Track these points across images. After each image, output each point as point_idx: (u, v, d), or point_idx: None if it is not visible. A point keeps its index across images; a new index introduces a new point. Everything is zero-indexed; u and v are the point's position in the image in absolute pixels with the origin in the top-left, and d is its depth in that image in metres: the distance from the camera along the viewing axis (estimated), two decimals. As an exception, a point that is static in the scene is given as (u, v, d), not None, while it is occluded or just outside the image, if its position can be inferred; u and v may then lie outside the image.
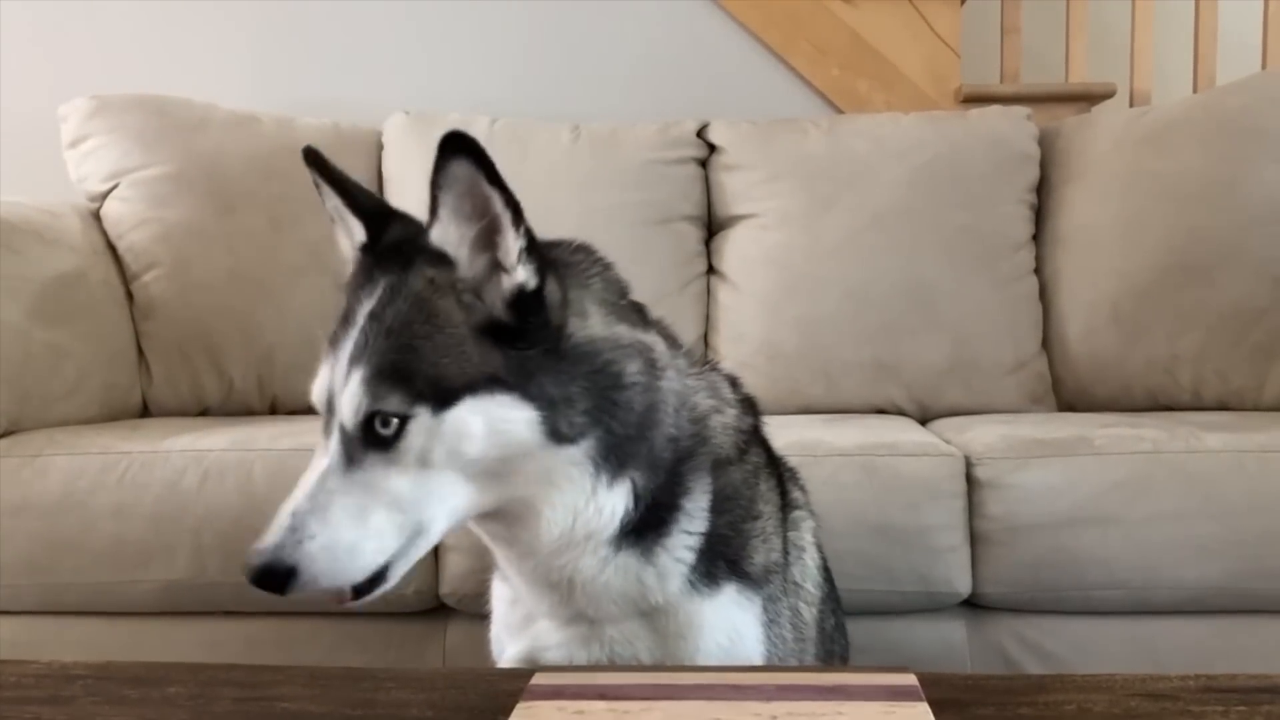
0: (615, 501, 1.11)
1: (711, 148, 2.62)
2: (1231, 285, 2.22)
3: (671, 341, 1.23)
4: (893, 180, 2.47)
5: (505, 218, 1.04)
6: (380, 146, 2.66)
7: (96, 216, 2.45)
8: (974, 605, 1.85)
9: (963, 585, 1.80)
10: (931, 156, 2.49)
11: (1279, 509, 1.75)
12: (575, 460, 1.08)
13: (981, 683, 0.95)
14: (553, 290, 1.08)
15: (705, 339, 2.52)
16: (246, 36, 3.06)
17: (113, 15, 3.03)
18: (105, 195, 2.46)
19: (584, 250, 1.19)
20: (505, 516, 1.10)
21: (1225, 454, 1.79)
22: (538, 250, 1.06)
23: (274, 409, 2.43)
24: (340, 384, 1.04)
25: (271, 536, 1.00)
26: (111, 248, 2.41)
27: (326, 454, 1.04)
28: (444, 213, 1.05)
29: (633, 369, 1.12)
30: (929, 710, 0.83)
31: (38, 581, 1.86)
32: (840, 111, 3.00)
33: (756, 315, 2.45)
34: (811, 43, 3.02)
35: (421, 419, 1.01)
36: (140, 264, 2.40)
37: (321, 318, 2.46)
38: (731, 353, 2.43)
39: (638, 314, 1.20)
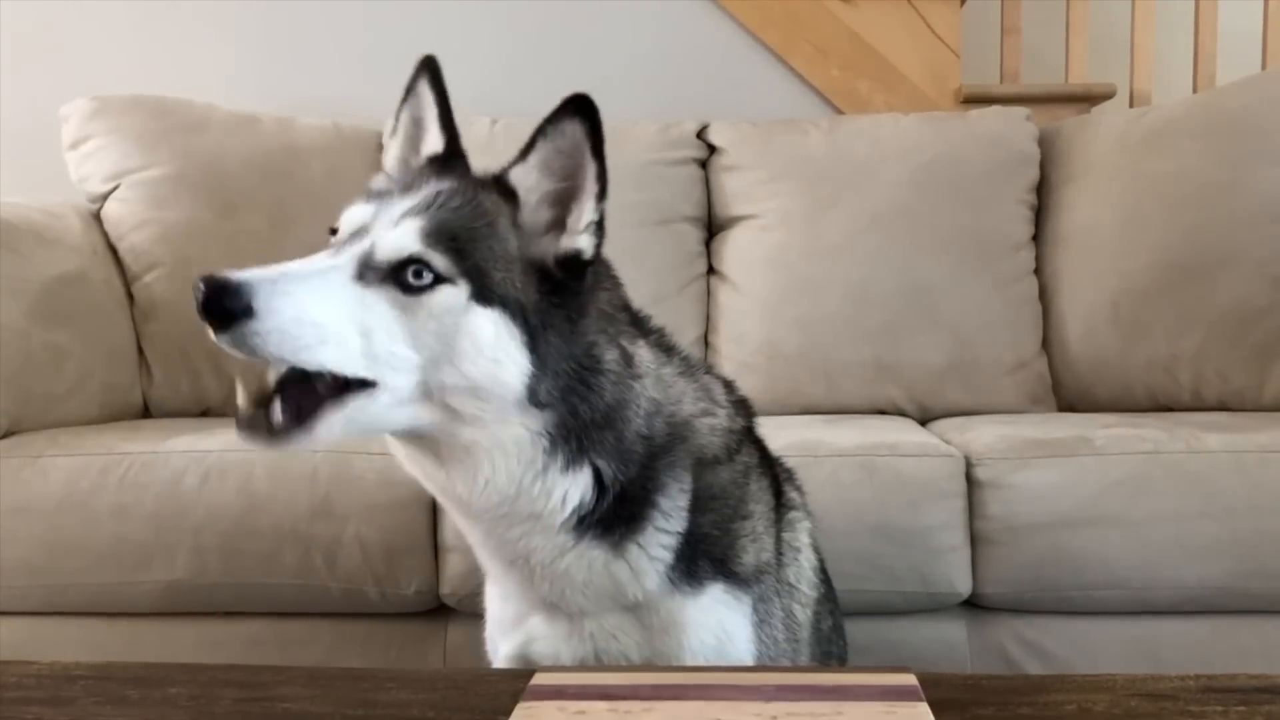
0: (570, 487, 1.10)
1: (711, 148, 2.62)
2: (1232, 285, 2.22)
3: (665, 350, 1.24)
4: (893, 181, 2.47)
5: (592, 190, 1.08)
6: (381, 146, 2.65)
7: (97, 217, 2.45)
8: (974, 605, 1.85)
9: (963, 585, 1.80)
10: (931, 157, 2.49)
11: (1278, 509, 1.75)
12: (531, 429, 1.07)
13: (982, 683, 0.95)
14: (597, 262, 1.13)
15: (705, 339, 2.52)
16: (247, 37, 3.06)
17: (113, 16, 3.03)
18: (106, 196, 2.46)
19: (604, 264, 1.19)
20: (438, 449, 1.08)
21: (1225, 454, 1.79)
22: (604, 232, 1.11)
23: (274, 410, 2.43)
24: (388, 222, 1.04)
25: (250, 271, 0.95)
26: (112, 248, 2.42)
27: (329, 255, 1.03)
28: (534, 159, 1.09)
29: (609, 358, 1.13)
30: (929, 710, 0.83)
31: (39, 582, 1.86)
32: (840, 112, 3.00)
33: (756, 316, 2.45)
34: (812, 43, 3.02)
35: (459, 292, 1.02)
36: (141, 264, 2.40)
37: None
38: (732, 353, 2.43)
39: (634, 325, 1.22)
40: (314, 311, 0.96)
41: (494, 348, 1.03)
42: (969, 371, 2.37)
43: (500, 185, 1.11)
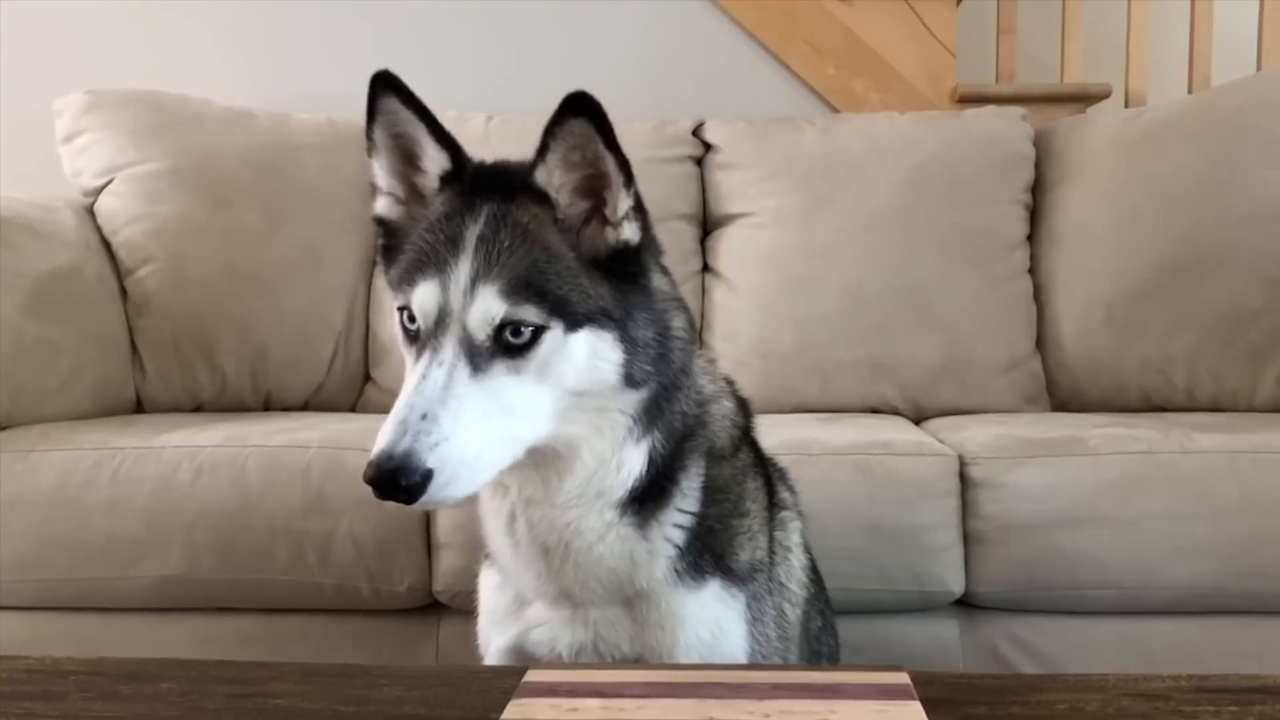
0: (635, 460, 1.14)
1: (707, 146, 2.62)
2: (1225, 286, 2.22)
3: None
4: (888, 180, 2.47)
5: (618, 179, 1.10)
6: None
7: (91, 212, 2.44)
8: (967, 604, 1.85)
9: (956, 584, 1.80)
10: (927, 156, 2.49)
11: (1271, 509, 1.75)
12: (625, 408, 1.12)
13: (974, 682, 0.95)
14: (647, 240, 1.15)
15: (700, 338, 2.52)
16: (242, 32, 3.05)
17: (108, 10, 3.02)
18: (100, 190, 2.46)
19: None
20: (545, 454, 1.11)
21: (1218, 454, 1.80)
22: (645, 210, 1.14)
23: (268, 404, 2.43)
24: (464, 298, 1.04)
25: (399, 438, 0.97)
26: (106, 243, 2.41)
27: (437, 364, 1.03)
28: (552, 158, 1.09)
29: (678, 324, 1.17)
30: (922, 709, 0.83)
31: (30, 577, 1.86)
32: (836, 111, 3.00)
33: (751, 314, 2.45)
34: (807, 42, 3.02)
35: (556, 332, 1.05)
36: (134, 259, 2.39)
37: (316, 313, 2.47)
38: (726, 351, 2.43)
39: (671, 276, 1.25)
40: (471, 438, 0.99)
41: (590, 358, 1.07)
42: (963, 371, 2.37)
43: (531, 191, 1.11)
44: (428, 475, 0.96)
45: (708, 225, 2.62)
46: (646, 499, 1.16)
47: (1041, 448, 1.85)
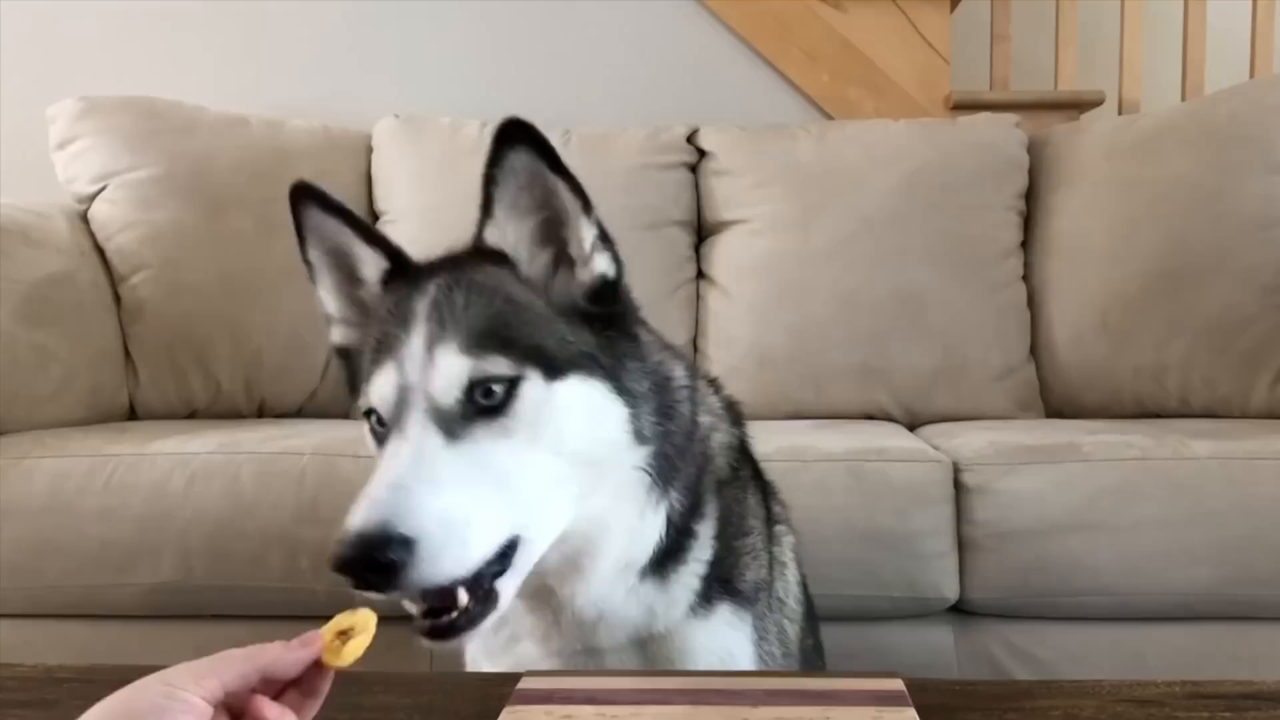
0: (658, 524, 1.05)
1: (702, 153, 2.62)
2: (1219, 293, 2.23)
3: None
4: (882, 187, 2.47)
5: (575, 207, 0.99)
6: (370, 149, 2.66)
7: (84, 218, 2.44)
8: (961, 611, 1.85)
9: (950, 591, 1.80)
10: (921, 163, 2.49)
11: (1265, 515, 1.75)
12: (639, 467, 1.01)
13: (969, 688, 0.95)
14: (622, 273, 1.05)
15: (695, 344, 2.52)
16: (236, 39, 3.05)
17: (102, 16, 3.02)
18: (93, 197, 2.45)
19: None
20: (576, 539, 1.00)
21: (1212, 461, 1.80)
22: (609, 237, 1.03)
23: (261, 411, 2.43)
24: (422, 367, 0.93)
25: (370, 513, 0.83)
26: (99, 249, 2.40)
27: (403, 441, 0.90)
28: (499, 209, 1.00)
29: (679, 374, 1.09)
30: (916, 715, 0.83)
31: (23, 584, 1.85)
32: (830, 118, 3.01)
33: (746, 321, 2.45)
34: (802, 49, 3.03)
35: (534, 381, 0.93)
36: (128, 266, 2.39)
37: (310, 320, 2.46)
38: (721, 358, 2.43)
39: (656, 332, 1.17)
40: (455, 505, 0.86)
41: (590, 411, 0.96)
42: (957, 377, 2.38)
43: (483, 254, 1.02)
44: (407, 545, 0.82)
45: (702, 232, 2.62)
46: (666, 559, 1.08)
47: (1036, 454, 1.85)
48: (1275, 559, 1.74)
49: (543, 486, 0.93)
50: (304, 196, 1.10)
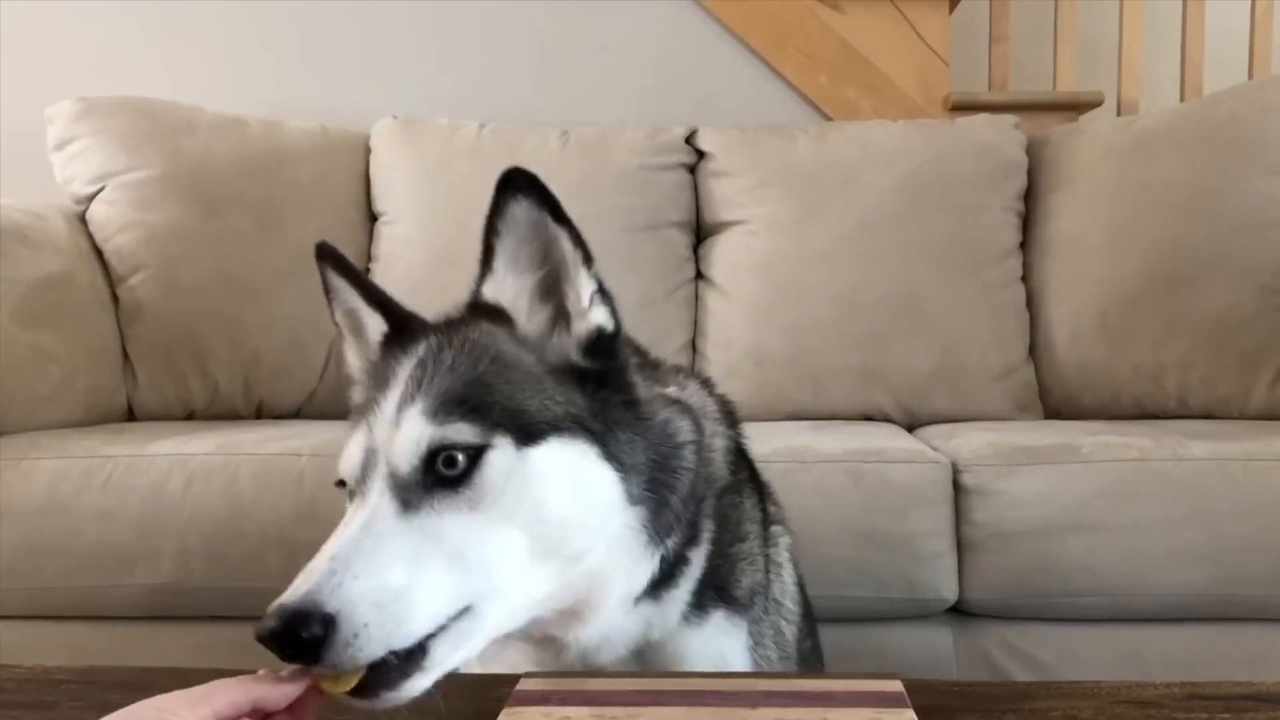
0: (652, 564, 1.03)
1: (700, 154, 2.62)
2: (1218, 293, 2.23)
3: (677, 374, 1.20)
4: (881, 187, 2.47)
5: (575, 259, 0.97)
6: (368, 150, 2.66)
7: (82, 219, 2.44)
8: (960, 612, 1.84)
9: (949, 592, 1.80)
10: (919, 164, 2.49)
11: (1264, 516, 1.75)
12: (633, 526, 0.99)
13: (968, 689, 0.95)
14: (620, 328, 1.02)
15: (693, 345, 2.52)
16: (234, 39, 3.05)
17: (100, 17, 3.02)
18: (91, 198, 2.45)
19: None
20: (573, 594, 0.97)
21: (1211, 462, 1.79)
22: (609, 292, 1.00)
23: (260, 413, 2.43)
24: (388, 430, 0.91)
25: (303, 583, 0.81)
26: (97, 250, 2.40)
27: (360, 508, 0.89)
28: (499, 263, 0.98)
29: (684, 429, 1.06)
30: (915, 717, 0.83)
31: (21, 586, 1.85)
32: (829, 119, 3.01)
33: (744, 321, 2.45)
34: (800, 50, 3.03)
35: (503, 451, 0.89)
36: (126, 267, 2.39)
37: (308, 321, 2.46)
38: (719, 358, 2.43)
39: (655, 369, 1.16)
40: (387, 576, 0.82)
41: (573, 476, 0.93)
42: (956, 378, 2.38)
43: (481, 310, 1.00)
44: (329, 621, 0.78)
45: (701, 233, 2.62)
46: (661, 583, 1.06)
47: (1034, 455, 1.85)
48: (1274, 560, 1.74)
49: (508, 560, 0.89)
50: (321, 258, 1.10)
